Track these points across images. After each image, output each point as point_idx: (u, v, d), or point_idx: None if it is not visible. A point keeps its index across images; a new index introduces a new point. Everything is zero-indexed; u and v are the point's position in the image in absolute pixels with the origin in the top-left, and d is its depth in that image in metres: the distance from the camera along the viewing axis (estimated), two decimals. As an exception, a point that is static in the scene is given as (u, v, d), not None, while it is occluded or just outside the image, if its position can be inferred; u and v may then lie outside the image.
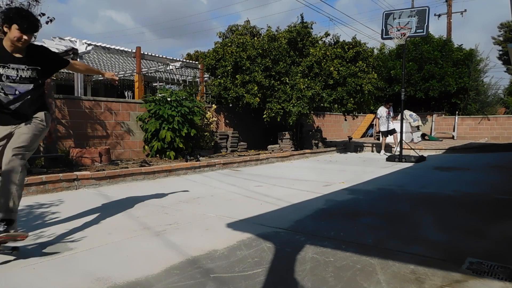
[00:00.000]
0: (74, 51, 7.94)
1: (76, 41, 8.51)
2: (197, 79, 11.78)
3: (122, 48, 10.99)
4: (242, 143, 10.29)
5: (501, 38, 25.30)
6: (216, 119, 10.28)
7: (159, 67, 12.71)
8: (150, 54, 11.15)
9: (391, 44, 17.85)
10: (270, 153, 9.49)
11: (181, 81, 11.75)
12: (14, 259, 2.47)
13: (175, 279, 2.17)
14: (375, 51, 11.97)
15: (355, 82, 9.91)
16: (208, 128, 9.26)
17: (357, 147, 12.55)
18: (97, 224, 3.34)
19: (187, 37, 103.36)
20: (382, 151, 11.04)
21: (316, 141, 11.67)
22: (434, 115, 18.00)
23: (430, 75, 16.89)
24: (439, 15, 23.84)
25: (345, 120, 15.87)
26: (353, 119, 15.54)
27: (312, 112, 11.32)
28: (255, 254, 2.58)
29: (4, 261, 2.45)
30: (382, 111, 10.87)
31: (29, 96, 2.71)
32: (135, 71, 9.62)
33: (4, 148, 2.60)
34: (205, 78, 11.97)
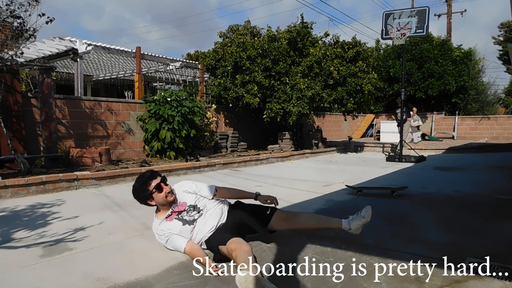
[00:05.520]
0: (74, 51, 7.96)
1: (76, 41, 8.50)
2: (197, 79, 11.78)
3: (122, 48, 10.97)
4: (242, 143, 10.29)
5: (501, 38, 25.28)
6: (216, 119, 10.28)
7: (159, 67, 12.70)
8: (150, 54, 11.14)
9: (388, 42, 17.85)
10: (270, 153, 9.49)
11: (181, 81, 11.75)
12: (14, 259, 2.47)
13: (175, 279, 2.17)
14: (374, 52, 11.94)
15: (355, 82, 9.91)
16: (208, 128, 9.27)
17: (357, 147, 12.56)
18: (97, 224, 3.34)
19: (192, 37, 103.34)
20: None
21: (316, 141, 11.67)
22: (434, 115, 17.99)
23: (429, 74, 16.87)
24: (439, 15, 23.85)
25: (345, 120, 15.89)
26: (353, 119, 15.56)
27: (312, 112, 11.32)
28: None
29: (4, 261, 2.45)
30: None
31: None
32: (135, 71, 9.62)
33: None
34: (205, 78, 11.97)
